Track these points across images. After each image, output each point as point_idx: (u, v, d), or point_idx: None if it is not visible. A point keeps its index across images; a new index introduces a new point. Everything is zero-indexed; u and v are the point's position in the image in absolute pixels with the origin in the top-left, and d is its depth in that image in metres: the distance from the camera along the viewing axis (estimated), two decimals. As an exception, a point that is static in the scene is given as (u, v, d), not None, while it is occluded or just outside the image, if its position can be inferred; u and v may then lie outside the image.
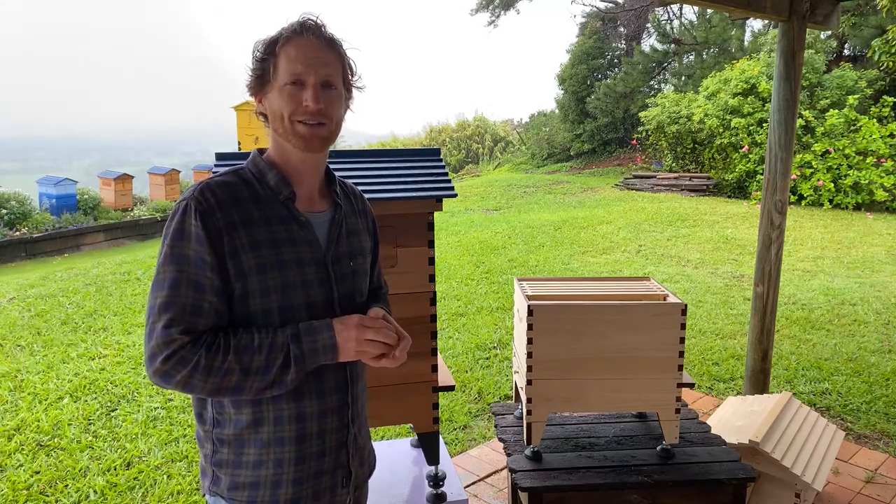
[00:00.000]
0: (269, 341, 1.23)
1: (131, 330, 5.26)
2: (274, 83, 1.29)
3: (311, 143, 1.30)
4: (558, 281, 2.64)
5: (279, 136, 1.32)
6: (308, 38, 1.29)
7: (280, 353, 1.23)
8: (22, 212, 10.93)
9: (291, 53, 1.27)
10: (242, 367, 1.22)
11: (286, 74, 1.27)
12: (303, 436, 1.33)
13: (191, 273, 1.23)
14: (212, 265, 1.23)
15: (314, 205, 1.38)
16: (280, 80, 1.28)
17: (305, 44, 1.28)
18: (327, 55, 1.30)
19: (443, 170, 2.33)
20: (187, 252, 1.23)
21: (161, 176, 13.26)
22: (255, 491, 1.32)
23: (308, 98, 1.27)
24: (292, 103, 1.28)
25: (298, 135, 1.29)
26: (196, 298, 1.23)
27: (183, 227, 1.24)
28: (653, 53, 18.25)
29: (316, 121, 1.29)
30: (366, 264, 1.47)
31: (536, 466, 2.31)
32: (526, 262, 7.60)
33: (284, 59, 1.27)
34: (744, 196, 12.28)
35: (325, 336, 1.26)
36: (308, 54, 1.28)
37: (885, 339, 5.00)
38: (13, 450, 3.37)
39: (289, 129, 1.29)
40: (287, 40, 1.28)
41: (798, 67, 3.46)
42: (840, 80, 12.47)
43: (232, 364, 1.21)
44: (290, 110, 1.28)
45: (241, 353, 1.22)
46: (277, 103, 1.29)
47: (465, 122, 23.23)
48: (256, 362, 1.22)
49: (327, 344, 1.26)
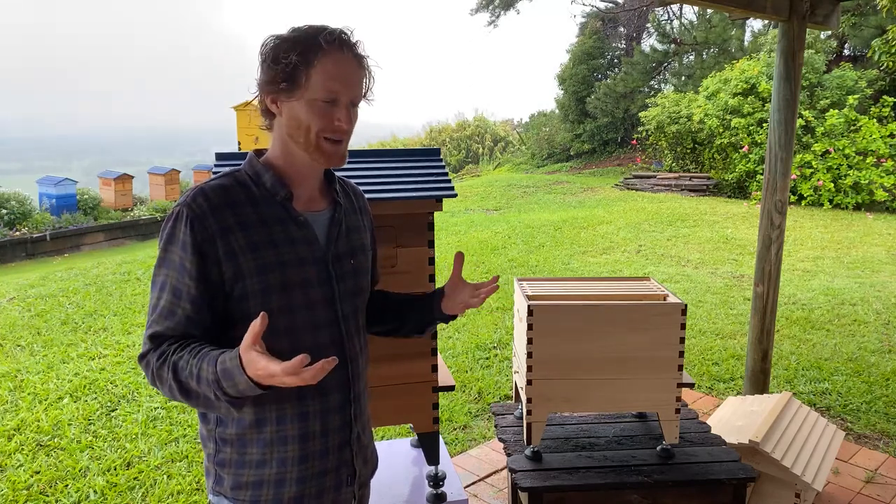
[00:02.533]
0: (196, 371, 1.17)
1: (131, 330, 5.26)
2: (304, 93, 1.25)
3: (333, 159, 1.31)
4: (558, 281, 2.64)
5: (297, 146, 1.30)
6: (347, 54, 1.26)
7: (209, 390, 1.16)
8: (22, 212, 10.94)
9: (330, 70, 1.24)
10: (180, 387, 1.20)
11: (322, 91, 1.24)
12: (306, 434, 1.33)
13: (172, 278, 1.25)
14: (191, 273, 1.23)
15: (314, 204, 1.38)
16: (314, 93, 1.25)
17: (344, 61, 1.26)
18: (360, 75, 1.30)
19: (443, 170, 2.33)
20: (173, 258, 1.25)
21: (161, 176, 13.26)
22: (258, 490, 1.32)
23: (341, 118, 1.27)
24: (324, 120, 1.26)
25: (323, 151, 1.29)
26: (172, 303, 1.25)
27: (174, 233, 1.25)
28: (653, 53, 18.25)
29: (341, 138, 1.30)
30: (367, 262, 1.46)
31: (536, 466, 2.31)
32: (526, 262, 7.60)
33: (322, 74, 1.24)
34: (744, 196, 12.28)
35: (240, 380, 1.12)
36: (346, 73, 1.26)
37: (885, 339, 5.00)
38: (13, 450, 3.37)
39: (313, 143, 1.28)
40: (325, 53, 1.24)
41: (798, 67, 3.46)
42: (840, 80, 12.47)
43: (171, 381, 1.20)
44: (320, 127, 1.27)
45: (178, 372, 1.20)
46: (306, 116, 1.26)
47: (465, 122, 23.23)
48: (194, 387, 1.18)
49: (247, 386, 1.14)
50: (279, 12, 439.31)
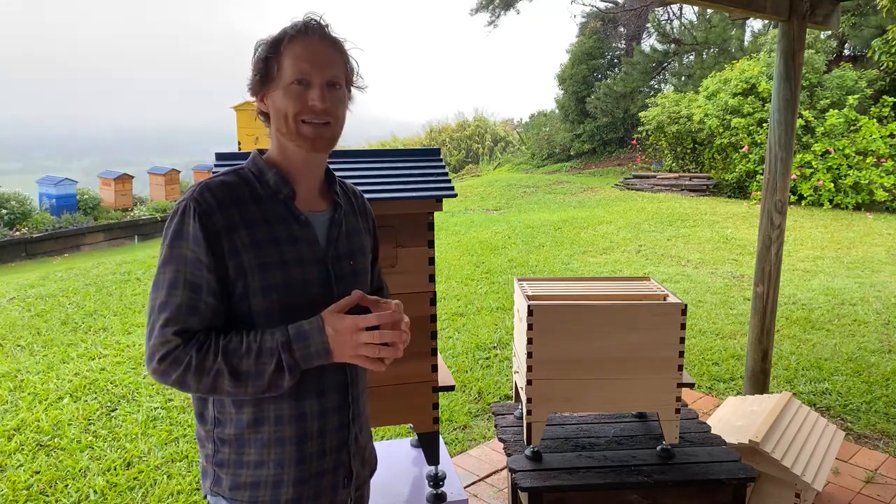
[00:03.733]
0: (257, 345, 1.21)
1: (131, 330, 5.26)
2: (278, 82, 1.28)
3: (316, 143, 1.30)
4: (558, 281, 2.64)
5: (283, 137, 1.31)
6: (313, 37, 1.28)
7: (271, 359, 1.21)
8: (22, 212, 10.94)
9: (297, 52, 1.26)
10: (231, 369, 1.21)
11: (292, 73, 1.26)
12: (304, 435, 1.32)
13: (188, 273, 1.23)
14: (208, 266, 1.23)
15: (314, 204, 1.38)
16: (285, 78, 1.27)
17: (311, 43, 1.28)
18: (333, 55, 1.30)
19: (443, 170, 2.33)
20: (185, 253, 1.24)
21: (161, 176, 13.26)
22: (256, 491, 1.32)
23: (315, 97, 1.27)
24: (298, 103, 1.27)
25: (304, 135, 1.29)
26: (192, 299, 1.23)
27: (181, 228, 1.24)
28: (653, 53, 18.25)
29: (322, 120, 1.29)
30: (366, 263, 1.47)
31: (536, 466, 2.31)
32: (526, 262, 7.60)
33: (290, 58, 1.26)
34: (744, 196, 12.28)
35: (316, 341, 1.22)
36: (314, 53, 1.27)
37: (885, 339, 5.00)
38: (13, 450, 3.37)
39: (293, 129, 1.29)
40: (292, 39, 1.27)
41: (798, 67, 3.46)
42: (840, 80, 12.47)
43: (221, 366, 1.20)
44: (296, 110, 1.27)
45: (230, 355, 1.21)
46: (282, 102, 1.28)
47: (465, 122, 23.22)
48: (245, 366, 1.21)
49: (320, 349, 1.23)
50: (278, 12, 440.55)
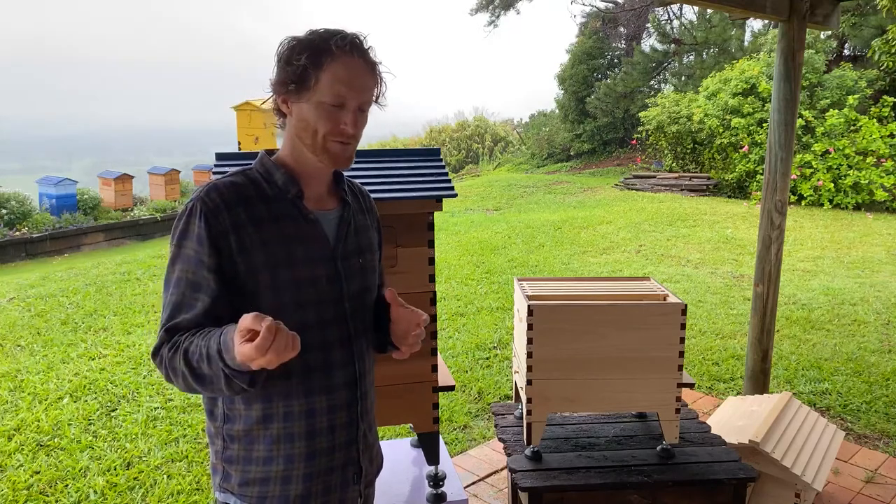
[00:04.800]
0: (206, 351, 1.16)
1: (131, 330, 5.26)
2: (313, 95, 1.27)
3: (340, 161, 1.33)
4: (558, 281, 2.64)
5: (305, 148, 1.32)
6: (357, 59, 1.28)
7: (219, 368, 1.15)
8: (22, 212, 10.93)
9: (340, 73, 1.25)
10: (192, 372, 1.19)
11: (330, 94, 1.26)
12: (313, 431, 1.33)
13: (189, 273, 1.25)
14: (209, 266, 1.24)
15: (323, 203, 1.39)
16: (322, 96, 1.26)
17: (354, 66, 1.27)
18: (370, 80, 1.30)
19: (443, 170, 2.33)
20: (188, 252, 1.25)
21: (161, 176, 13.25)
22: (265, 487, 1.33)
23: (348, 122, 1.28)
24: (330, 123, 1.28)
25: (330, 153, 1.31)
26: (190, 297, 1.25)
27: (187, 228, 1.26)
28: (653, 53, 18.25)
29: (348, 142, 1.31)
30: (374, 260, 1.48)
31: (536, 466, 2.32)
32: (526, 262, 7.60)
33: (331, 77, 1.25)
34: (744, 196, 12.27)
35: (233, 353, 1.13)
36: (355, 78, 1.27)
37: (885, 339, 5.00)
38: (13, 450, 3.37)
39: (320, 145, 1.30)
40: (335, 58, 1.25)
41: (798, 67, 3.46)
42: (840, 80, 12.46)
43: (184, 368, 1.19)
44: (327, 130, 1.28)
45: (189, 357, 1.19)
46: (314, 118, 1.28)
47: (465, 122, 23.20)
48: (205, 369, 1.17)
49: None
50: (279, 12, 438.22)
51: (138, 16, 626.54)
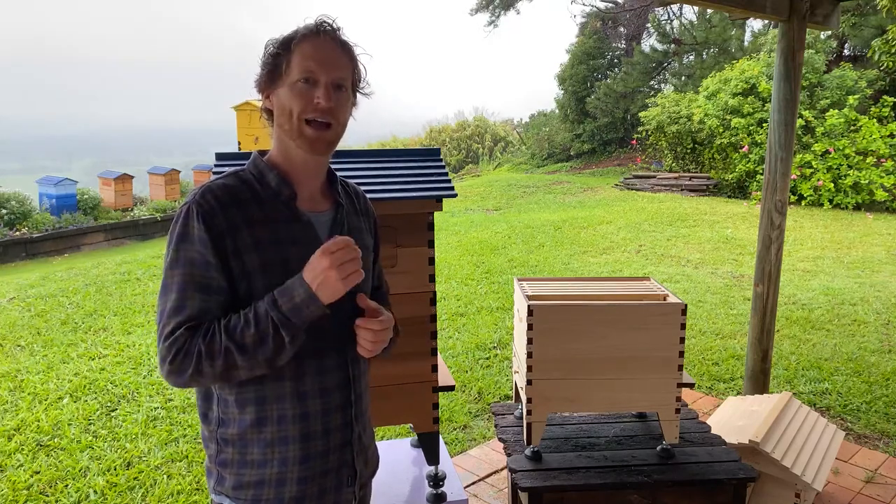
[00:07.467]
0: (253, 314, 1.23)
1: (131, 330, 5.26)
2: (285, 79, 1.29)
3: (316, 145, 1.31)
4: (558, 281, 2.64)
5: (284, 135, 1.32)
6: (324, 38, 1.30)
7: (267, 322, 1.21)
8: (22, 212, 10.93)
9: (306, 51, 1.28)
10: (236, 344, 1.21)
11: (299, 71, 1.27)
12: (307, 434, 1.33)
13: (196, 276, 1.24)
14: (216, 266, 1.25)
15: (316, 204, 1.39)
16: (292, 76, 1.28)
17: (321, 43, 1.29)
18: (341, 57, 1.31)
19: (443, 170, 2.33)
20: (192, 255, 1.25)
21: (161, 176, 13.25)
22: (259, 490, 1.33)
23: (320, 96, 1.28)
24: (303, 100, 1.28)
25: (305, 136, 1.30)
26: (203, 300, 1.24)
27: (186, 231, 1.25)
28: (653, 53, 18.26)
29: (325, 120, 1.29)
30: (367, 262, 1.47)
31: (536, 466, 2.32)
32: (526, 262, 7.60)
33: (299, 56, 1.28)
34: (744, 196, 12.27)
35: (299, 291, 1.22)
36: (323, 54, 1.29)
37: (885, 339, 5.00)
38: (13, 450, 3.37)
39: (296, 127, 1.29)
40: (303, 38, 1.29)
41: (798, 67, 3.46)
42: (840, 80, 12.46)
43: (227, 343, 1.21)
44: (301, 107, 1.28)
45: (232, 331, 1.22)
46: (287, 99, 1.29)
47: (465, 122, 23.21)
48: (248, 337, 1.21)
49: (304, 297, 1.22)
50: (279, 12, 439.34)
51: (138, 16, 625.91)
